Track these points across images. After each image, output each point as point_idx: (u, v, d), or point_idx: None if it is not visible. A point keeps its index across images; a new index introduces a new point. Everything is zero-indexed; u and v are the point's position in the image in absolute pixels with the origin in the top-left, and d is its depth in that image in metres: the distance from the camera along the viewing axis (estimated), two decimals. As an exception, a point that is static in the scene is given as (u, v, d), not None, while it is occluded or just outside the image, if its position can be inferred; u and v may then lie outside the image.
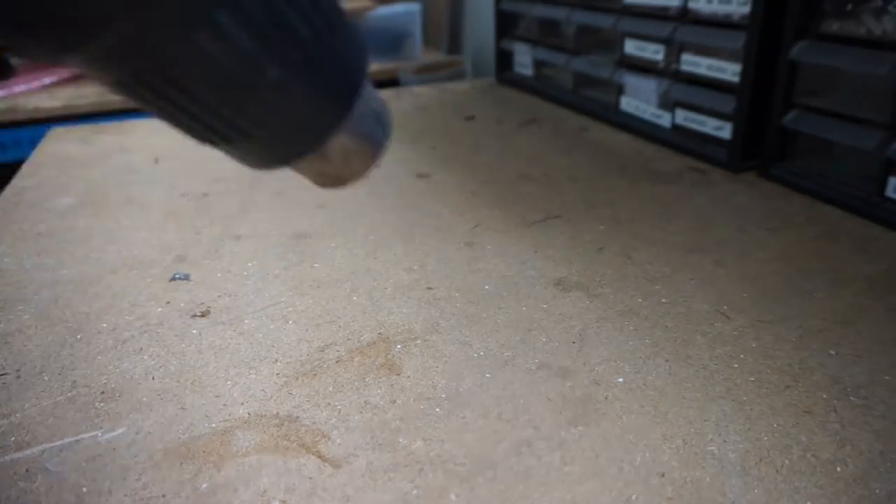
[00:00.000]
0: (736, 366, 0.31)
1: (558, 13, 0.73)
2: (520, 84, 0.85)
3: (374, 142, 0.23)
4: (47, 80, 1.10)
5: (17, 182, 0.57)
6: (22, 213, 0.50)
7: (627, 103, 0.67)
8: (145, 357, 0.32)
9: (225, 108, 0.18)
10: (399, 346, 0.33)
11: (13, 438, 0.27)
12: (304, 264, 0.41)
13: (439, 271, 0.40)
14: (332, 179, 0.23)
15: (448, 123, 0.71)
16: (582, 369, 0.31)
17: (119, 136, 0.71)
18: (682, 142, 0.59)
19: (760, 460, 0.25)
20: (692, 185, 0.52)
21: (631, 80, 0.65)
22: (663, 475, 0.25)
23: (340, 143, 0.22)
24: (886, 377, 0.29)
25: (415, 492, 0.24)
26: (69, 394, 0.30)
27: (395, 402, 0.29)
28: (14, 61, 1.17)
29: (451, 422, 0.28)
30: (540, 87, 0.81)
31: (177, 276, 0.40)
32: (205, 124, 0.19)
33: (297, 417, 0.28)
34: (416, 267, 0.40)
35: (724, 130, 0.55)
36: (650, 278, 0.38)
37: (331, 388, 0.30)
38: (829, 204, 0.47)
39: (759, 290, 0.37)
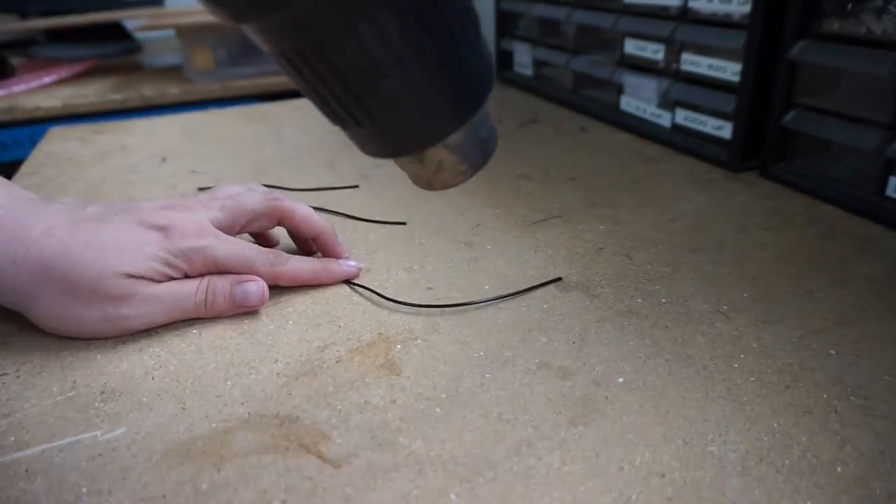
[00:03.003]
0: (736, 366, 0.31)
1: (558, 13, 0.73)
2: (520, 84, 0.85)
3: (469, 163, 0.25)
4: (47, 80, 1.10)
5: (17, 181, 0.57)
6: (22, 213, 0.50)
7: (627, 103, 0.67)
8: (145, 357, 0.32)
9: (351, 96, 0.21)
10: (399, 346, 0.33)
11: (13, 438, 0.27)
12: (304, 264, 0.41)
13: (439, 271, 0.40)
14: (422, 182, 0.26)
15: (448, 123, 0.71)
16: (582, 369, 0.31)
17: (118, 136, 0.71)
18: (682, 142, 0.59)
19: (760, 460, 0.25)
20: (692, 185, 0.52)
21: (631, 80, 0.65)
22: (663, 475, 0.25)
23: (438, 154, 0.24)
24: (887, 377, 0.29)
25: (415, 492, 0.24)
26: (69, 394, 0.30)
27: (395, 402, 0.29)
28: (14, 61, 1.17)
29: (451, 422, 0.28)
30: (540, 86, 0.81)
31: (177, 275, 0.40)
32: (331, 106, 0.22)
33: (297, 417, 0.28)
34: (416, 267, 0.40)
35: (724, 130, 0.55)
36: (650, 278, 0.38)
37: (331, 388, 0.30)
38: (829, 204, 0.47)
39: (759, 290, 0.37)
